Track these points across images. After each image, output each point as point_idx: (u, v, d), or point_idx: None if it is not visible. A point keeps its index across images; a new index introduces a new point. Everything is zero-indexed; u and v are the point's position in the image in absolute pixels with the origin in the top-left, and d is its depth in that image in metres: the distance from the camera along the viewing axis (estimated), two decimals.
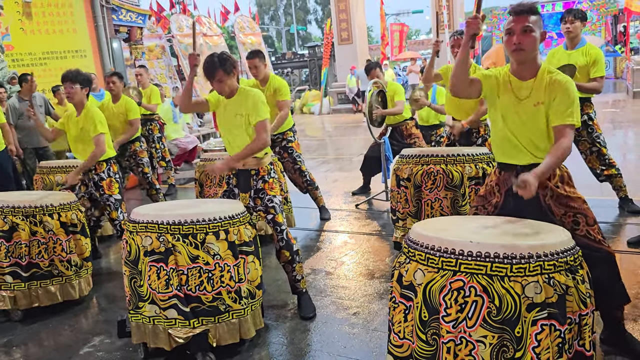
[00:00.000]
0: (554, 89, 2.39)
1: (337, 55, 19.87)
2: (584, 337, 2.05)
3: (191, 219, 2.78)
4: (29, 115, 4.43)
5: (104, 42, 9.46)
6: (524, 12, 2.38)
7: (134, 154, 5.85)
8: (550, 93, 2.40)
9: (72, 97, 4.17)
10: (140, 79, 7.41)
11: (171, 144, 8.66)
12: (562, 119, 2.37)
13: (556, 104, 2.38)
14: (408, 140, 5.92)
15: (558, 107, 2.38)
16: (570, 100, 2.38)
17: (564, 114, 2.37)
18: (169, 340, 2.78)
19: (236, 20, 14.92)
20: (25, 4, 8.53)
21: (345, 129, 13.56)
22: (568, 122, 2.36)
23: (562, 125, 2.37)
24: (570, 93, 2.38)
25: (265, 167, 3.33)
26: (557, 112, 2.38)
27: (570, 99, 2.38)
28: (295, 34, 44.54)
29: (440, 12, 13.39)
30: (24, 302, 3.63)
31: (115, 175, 4.39)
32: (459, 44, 4.22)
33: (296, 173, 5.25)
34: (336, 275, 4.02)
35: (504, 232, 2.20)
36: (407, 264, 2.18)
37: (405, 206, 4.09)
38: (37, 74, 7.60)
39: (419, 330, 2.08)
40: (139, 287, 2.82)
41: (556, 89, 2.38)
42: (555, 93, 2.38)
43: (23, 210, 3.62)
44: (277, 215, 3.31)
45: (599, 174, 4.72)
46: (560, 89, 2.38)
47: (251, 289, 2.97)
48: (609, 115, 11.58)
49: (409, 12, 39.87)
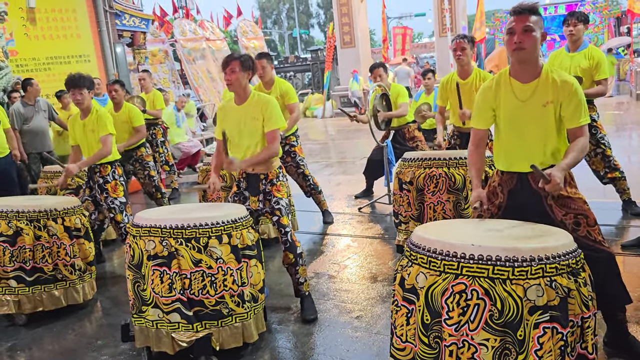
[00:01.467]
0: (564, 90, 2.42)
1: (340, 58, 19.89)
2: (587, 340, 2.05)
3: (194, 223, 2.80)
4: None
5: (107, 47, 9.51)
6: (524, 12, 2.40)
7: (140, 158, 5.85)
8: (560, 93, 2.42)
9: (81, 103, 4.16)
10: (143, 84, 7.43)
11: (174, 148, 8.68)
12: (577, 121, 2.43)
13: (569, 107, 2.42)
14: (410, 143, 5.92)
15: (571, 111, 2.43)
16: (581, 101, 2.44)
17: (579, 116, 2.43)
18: (172, 344, 2.79)
19: (239, 24, 14.98)
20: (29, 9, 8.57)
21: (348, 133, 13.57)
22: (583, 123, 2.44)
23: (578, 127, 2.44)
24: (579, 94, 2.44)
25: (274, 172, 3.37)
26: (572, 116, 2.43)
27: (581, 101, 2.44)
28: (297, 37, 44.64)
29: (443, 16, 13.38)
30: (28, 307, 3.64)
31: (120, 178, 4.40)
32: (461, 47, 4.24)
33: (300, 177, 5.26)
34: (339, 279, 4.03)
35: (505, 235, 2.20)
36: (409, 267, 2.18)
37: (407, 209, 4.09)
38: (41, 79, 7.64)
39: (421, 334, 2.08)
40: (143, 291, 2.83)
41: (566, 91, 2.42)
42: (565, 94, 2.42)
43: (27, 215, 3.64)
44: (283, 218, 3.33)
45: (603, 177, 4.70)
46: (571, 91, 2.42)
47: (254, 293, 2.97)
48: (612, 118, 11.56)
49: (412, 15, 39.91)
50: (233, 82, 3.23)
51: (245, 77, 3.26)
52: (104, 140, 4.17)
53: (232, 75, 3.21)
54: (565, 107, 2.42)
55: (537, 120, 2.46)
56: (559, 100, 2.42)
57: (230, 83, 3.24)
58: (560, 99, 2.42)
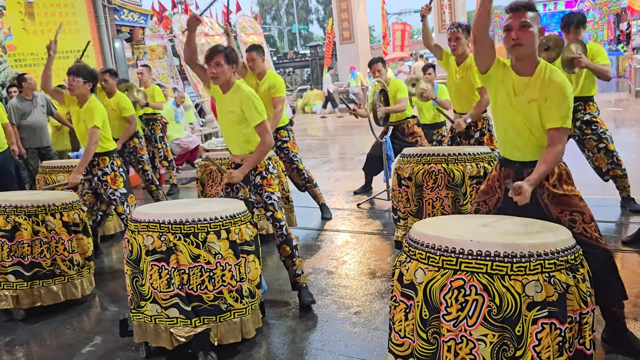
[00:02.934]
0: (550, 89, 2.40)
1: (339, 54, 19.88)
2: (585, 336, 2.05)
3: (192, 218, 2.79)
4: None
5: (106, 42, 9.47)
6: (521, 8, 2.41)
7: (134, 150, 5.87)
8: (544, 92, 2.41)
9: (73, 89, 4.24)
10: (142, 78, 7.41)
11: (173, 143, 8.67)
12: (557, 122, 2.39)
13: (551, 107, 2.39)
14: (410, 139, 5.90)
15: (553, 110, 2.39)
16: (566, 104, 2.39)
17: (559, 117, 2.39)
18: (170, 340, 2.79)
19: (238, 20, 14.93)
20: (27, 4, 8.54)
21: (347, 129, 13.56)
22: (560, 124, 2.39)
23: (556, 128, 2.40)
24: (566, 96, 2.39)
25: (262, 163, 3.37)
26: (552, 115, 2.40)
27: (566, 103, 2.39)
28: (297, 33, 44.54)
29: (443, 12, 13.36)
30: (27, 302, 3.64)
31: (119, 169, 4.41)
32: (455, 37, 4.22)
33: (294, 172, 5.26)
34: (337, 275, 4.03)
35: (504, 231, 2.20)
36: (408, 263, 2.18)
37: (406, 205, 4.09)
38: (39, 74, 7.59)
39: (420, 329, 2.08)
40: (141, 287, 2.83)
41: (551, 90, 2.40)
42: (549, 94, 2.40)
43: (25, 210, 3.63)
44: (277, 212, 3.36)
45: (605, 173, 4.67)
46: (556, 91, 2.39)
47: (252, 288, 2.98)
48: (611, 114, 11.55)
49: (411, 11, 39.80)
50: (218, 74, 3.21)
51: (230, 70, 3.24)
52: (90, 133, 4.18)
53: (218, 68, 3.20)
54: (548, 106, 2.40)
55: (524, 115, 2.47)
56: (543, 97, 2.41)
57: (216, 76, 3.22)
58: (544, 97, 2.41)
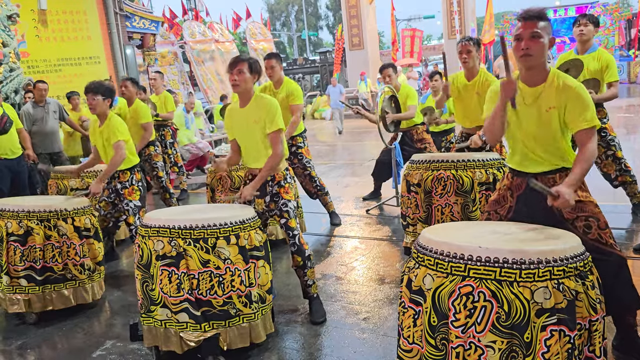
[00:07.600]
0: (566, 94, 2.39)
1: (349, 60, 19.93)
2: (594, 343, 2.04)
3: (202, 224, 2.81)
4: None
5: (117, 48, 9.59)
6: (532, 18, 2.39)
7: (149, 157, 5.93)
8: (561, 98, 2.40)
9: (94, 109, 4.23)
10: (154, 84, 7.48)
11: (183, 149, 8.73)
12: (581, 124, 2.38)
13: (573, 111, 2.39)
14: (419, 145, 5.89)
15: (574, 114, 2.38)
16: (585, 104, 2.38)
17: (582, 119, 2.38)
18: (180, 344, 2.81)
19: (248, 26, 15.05)
20: (40, 11, 8.66)
21: (356, 134, 13.57)
22: (587, 126, 2.37)
23: (582, 130, 2.38)
24: (582, 97, 2.38)
25: (281, 173, 3.36)
26: (574, 119, 2.39)
27: (585, 103, 2.38)
28: (306, 39, 44.72)
29: (452, 18, 13.37)
30: (38, 306, 3.68)
31: (138, 183, 4.44)
32: (466, 50, 4.19)
33: (306, 179, 5.27)
34: (346, 281, 4.03)
35: (513, 237, 2.20)
36: (417, 269, 2.18)
37: (415, 212, 4.08)
38: (51, 81, 7.71)
39: (428, 335, 2.08)
40: (151, 291, 2.85)
41: (568, 95, 2.39)
42: (567, 99, 2.39)
43: (38, 215, 3.67)
44: (290, 220, 3.32)
45: (614, 179, 4.66)
46: (573, 95, 2.38)
47: (261, 294, 2.99)
48: (622, 120, 11.47)
49: (420, 17, 39.85)
50: (240, 83, 3.24)
51: (251, 80, 3.27)
52: (116, 146, 4.20)
53: (240, 76, 3.22)
54: (569, 111, 2.39)
55: (541, 124, 2.45)
56: (561, 104, 2.40)
57: (237, 84, 3.25)
58: (563, 104, 2.40)
